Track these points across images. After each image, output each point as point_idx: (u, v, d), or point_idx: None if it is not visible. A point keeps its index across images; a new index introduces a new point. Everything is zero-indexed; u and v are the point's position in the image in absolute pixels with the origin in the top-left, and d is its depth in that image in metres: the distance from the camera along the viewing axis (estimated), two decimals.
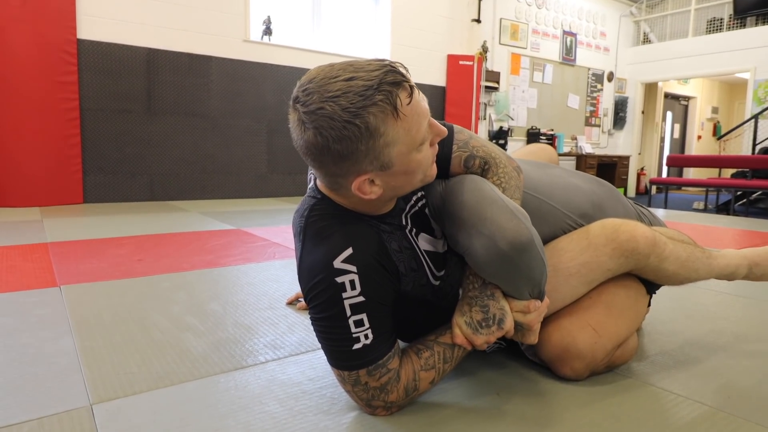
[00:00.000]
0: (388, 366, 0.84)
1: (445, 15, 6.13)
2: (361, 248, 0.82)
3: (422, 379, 0.87)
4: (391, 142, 0.74)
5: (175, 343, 1.20)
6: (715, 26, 7.65)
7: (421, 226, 0.94)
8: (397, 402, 0.86)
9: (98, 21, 4.05)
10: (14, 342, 1.19)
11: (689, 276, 1.09)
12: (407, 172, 0.79)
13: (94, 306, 1.47)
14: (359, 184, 0.78)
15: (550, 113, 7.41)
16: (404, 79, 0.74)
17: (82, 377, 1.01)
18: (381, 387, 0.84)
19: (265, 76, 4.88)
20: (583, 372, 1.00)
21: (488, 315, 0.85)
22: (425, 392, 0.90)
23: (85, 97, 4.03)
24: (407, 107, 0.74)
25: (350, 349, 0.81)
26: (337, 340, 0.82)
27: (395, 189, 0.82)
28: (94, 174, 4.14)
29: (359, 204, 0.85)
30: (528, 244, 0.81)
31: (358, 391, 0.85)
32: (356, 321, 0.80)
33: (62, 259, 2.06)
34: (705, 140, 10.44)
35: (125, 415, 0.87)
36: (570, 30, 7.49)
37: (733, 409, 0.92)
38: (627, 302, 1.05)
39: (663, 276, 1.07)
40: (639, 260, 1.02)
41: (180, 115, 4.48)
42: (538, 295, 0.87)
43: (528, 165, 1.15)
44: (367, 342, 0.81)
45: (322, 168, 0.78)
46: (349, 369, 0.83)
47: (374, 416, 0.87)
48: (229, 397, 0.94)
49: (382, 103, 0.71)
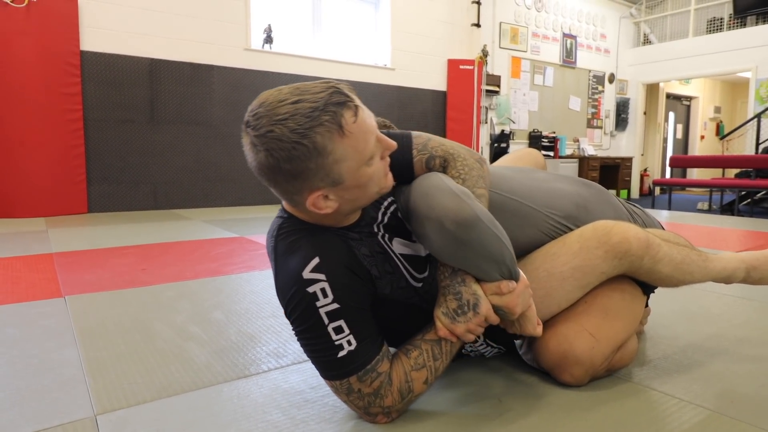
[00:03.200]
0: (377, 370, 0.84)
1: (445, 20, 6.15)
2: (327, 256, 0.83)
3: (415, 380, 0.87)
4: (339, 159, 0.77)
5: (179, 353, 1.20)
6: (716, 26, 7.65)
7: (396, 231, 0.96)
8: (394, 406, 0.86)
9: (101, 32, 4.09)
10: (19, 352, 1.20)
11: (684, 278, 1.08)
12: (359, 185, 0.82)
13: (98, 316, 1.49)
14: (313, 200, 0.80)
15: (551, 116, 7.41)
16: (349, 99, 0.77)
17: (86, 387, 1.02)
18: (375, 392, 0.84)
19: (267, 84, 4.91)
20: (582, 377, 1.00)
21: (462, 302, 0.85)
22: (422, 393, 0.89)
23: (88, 108, 4.07)
24: (353, 125, 0.77)
25: (336, 357, 0.82)
26: (321, 351, 0.83)
27: (351, 202, 0.84)
28: (98, 184, 4.17)
29: (321, 218, 0.87)
30: (472, 219, 0.81)
31: (353, 400, 0.86)
32: (335, 328, 0.82)
33: (67, 270, 2.08)
34: (708, 140, 10.41)
35: (129, 426, 0.87)
36: (570, 32, 7.50)
37: (736, 413, 0.92)
38: (622, 305, 1.05)
39: (657, 278, 1.06)
40: (633, 262, 1.01)
41: (182, 124, 4.51)
42: (509, 275, 0.86)
43: (509, 170, 1.16)
44: (351, 348, 0.82)
45: (277, 187, 0.82)
46: (339, 378, 0.84)
47: (376, 424, 0.87)
48: (232, 406, 0.94)
49: (328, 123, 0.75)
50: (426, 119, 6.10)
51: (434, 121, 6.17)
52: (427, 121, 6.11)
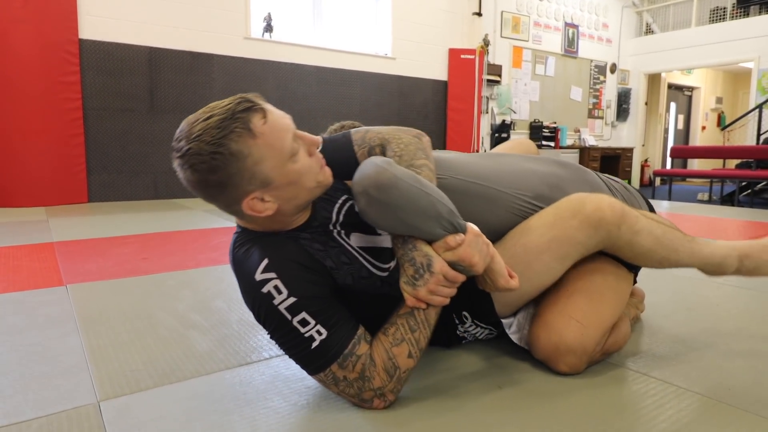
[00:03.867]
0: (356, 353, 0.85)
1: (446, 9, 6.11)
2: (275, 254, 0.87)
3: (398, 355, 0.87)
4: (259, 159, 0.81)
5: (181, 340, 1.21)
6: (718, 15, 7.59)
7: (354, 227, 0.98)
8: (385, 387, 0.87)
9: (100, 21, 4.06)
10: (22, 340, 1.21)
11: (669, 256, 1.05)
12: (291, 182, 0.85)
13: (100, 304, 1.49)
14: (250, 205, 0.84)
15: (552, 106, 7.38)
16: (255, 105, 0.82)
17: (89, 375, 1.03)
18: (360, 376, 0.85)
19: (267, 73, 4.88)
20: (578, 365, 1.00)
21: (417, 266, 0.85)
22: (410, 368, 0.87)
23: (87, 97, 4.05)
24: (263, 126, 0.81)
25: (310, 349, 0.84)
26: (295, 347, 0.86)
27: (291, 199, 0.87)
28: (98, 173, 4.16)
29: (268, 223, 0.90)
30: (390, 179, 0.83)
31: (344, 389, 0.87)
32: (300, 321, 0.84)
33: (68, 259, 2.08)
34: (709, 131, 10.38)
35: (132, 412, 0.88)
36: (572, 22, 7.45)
37: (734, 400, 0.93)
38: (605, 286, 1.04)
39: (639, 253, 1.03)
40: (610, 231, 0.99)
41: (182, 113, 4.49)
42: (453, 228, 0.86)
43: (476, 156, 1.18)
44: (323, 337, 0.84)
45: (214, 201, 0.86)
46: (321, 369, 0.86)
47: (375, 410, 0.88)
48: (234, 392, 0.95)
49: (239, 128, 0.79)
50: (427, 109, 6.08)
51: (435, 111, 6.15)
52: (427, 110, 6.09)
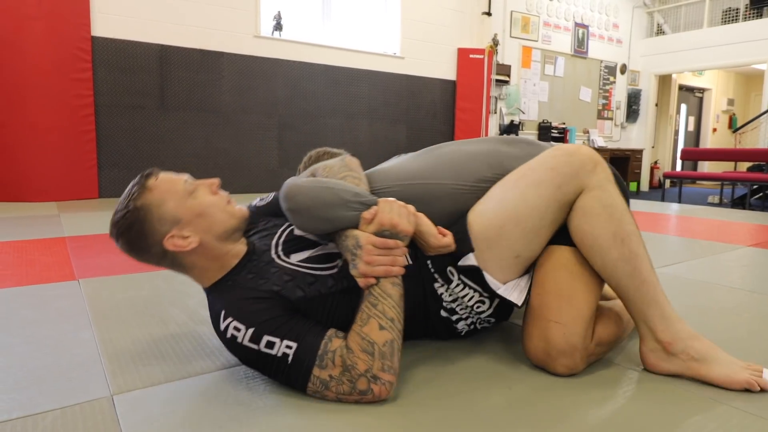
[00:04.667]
0: (330, 350, 0.89)
1: (455, 8, 6.09)
2: (228, 302, 0.97)
3: (369, 333, 0.89)
4: (160, 203, 0.96)
5: (192, 336, 1.22)
6: (731, 16, 7.52)
7: (292, 246, 1.06)
8: (372, 368, 0.87)
9: (112, 18, 4.09)
10: (36, 333, 1.22)
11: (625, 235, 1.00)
12: (198, 214, 0.98)
13: (111, 299, 1.51)
14: (172, 243, 0.96)
15: (561, 106, 7.35)
16: (148, 173, 1.00)
17: (102, 368, 1.04)
18: (344, 367, 0.88)
19: (276, 71, 4.90)
20: (573, 364, 1.00)
21: (350, 249, 0.93)
22: (390, 342, 0.89)
23: (99, 94, 4.09)
24: (155, 182, 0.98)
25: (288, 365, 0.90)
26: (276, 371, 0.91)
27: (207, 230, 0.99)
28: (108, 169, 4.20)
29: (207, 263, 1.00)
30: (293, 188, 0.97)
31: (338, 389, 0.88)
32: (267, 344, 0.90)
33: (80, 253, 2.10)
34: (720, 133, 10.29)
35: (145, 406, 0.89)
36: (582, 22, 7.41)
37: (744, 404, 0.92)
38: (572, 280, 1.02)
39: (604, 219, 0.99)
40: (584, 165, 1.00)
41: (192, 111, 4.52)
42: (363, 206, 0.95)
43: (415, 156, 1.20)
44: (294, 349, 0.90)
45: (148, 259, 1.00)
46: (306, 379, 0.89)
47: (382, 401, 0.89)
48: (245, 386, 0.96)
49: (137, 191, 0.97)
50: (435, 108, 6.07)
51: (443, 110, 6.14)
52: (436, 110, 6.08)
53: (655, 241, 2.74)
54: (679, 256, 2.32)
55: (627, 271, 0.99)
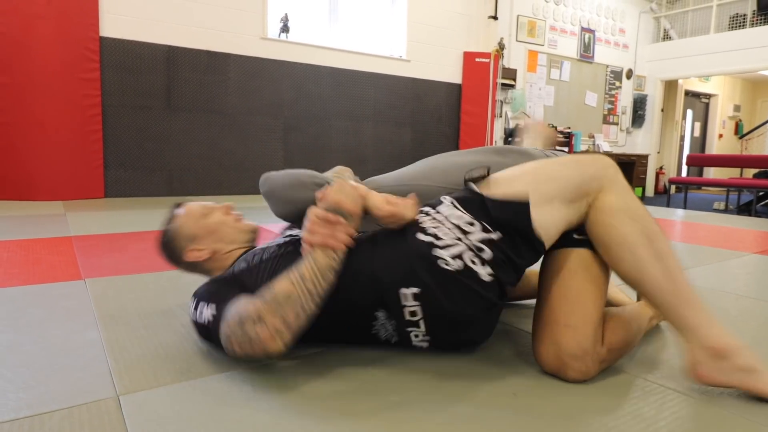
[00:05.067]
0: (238, 304, 0.96)
1: (462, 12, 6.10)
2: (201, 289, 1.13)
3: (275, 284, 0.94)
4: (183, 225, 1.22)
5: (198, 338, 1.22)
6: (738, 22, 7.50)
7: None
8: (262, 311, 0.90)
9: (120, 19, 4.11)
10: (44, 333, 1.23)
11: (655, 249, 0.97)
12: (211, 231, 1.21)
13: (118, 299, 1.51)
14: (191, 255, 1.20)
15: (567, 111, 7.34)
16: (177, 206, 1.27)
17: (108, 369, 1.04)
18: (239, 317, 0.92)
19: (282, 73, 4.92)
20: (586, 368, 0.99)
21: (304, 222, 1.03)
22: (287, 295, 0.91)
23: (106, 94, 4.11)
24: (180, 210, 1.25)
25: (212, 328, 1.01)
26: (206, 335, 1.07)
27: (218, 241, 1.21)
28: (115, 169, 4.22)
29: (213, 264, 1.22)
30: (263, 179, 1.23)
31: (234, 338, 0.92)
32: (199, 313, 1.06)
33: (86, 253, 2.11)
34: (726, 139, 10.25)
35: (151, 407, 0.89)
36: (588, 27, 7.40)
37: (753, 415, 0.92)
38: (579, 284, 1.02)
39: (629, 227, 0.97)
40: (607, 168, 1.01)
41: (198, 112, 4.54)
42: (318, 188, 1.15)
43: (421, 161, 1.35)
44: (214, 313, 1.01)
45: (185, 268, 1.24)
46: (218, 334, 0.97)
47: (269, 353, 0.90)
48: (251, 388, 0.96)
49: (168, 219, 1.25)
50: (440, 112, 6.07)
51: (448, 113, 6.15)
52: (441, 113, 6.08)
53: None
54: (684, 263, 2.30)
55: (660, 270, 0.96)
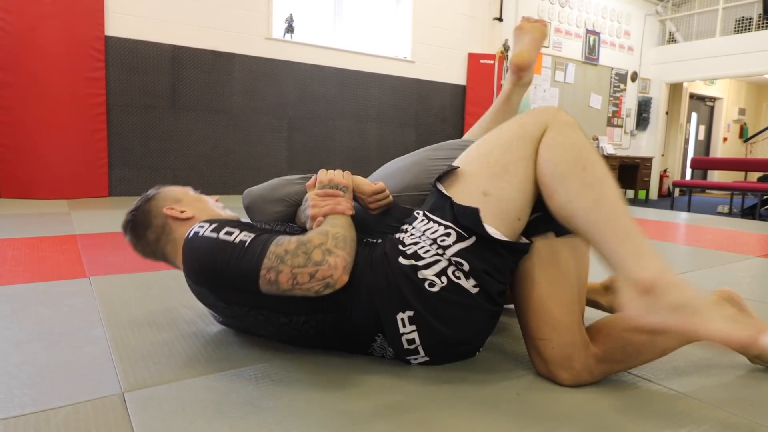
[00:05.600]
0: (284, 238, 0.95)
1: (467, 13, 6.10)
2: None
3: (322, 226, 0.98)
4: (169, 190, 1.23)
5: (201, 335, 1.23)
6: (744, 26, 7.48)
7: None
8: (327, 243, 0.92)
9: (125, 18, 4.13)
10: (49, 330, 1.24)
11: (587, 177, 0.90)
12: (197, 199, 1.23)
13: (122, 297, 1.52)
14: (170, 212, 1.16)
15: (571, 113, 7.15)
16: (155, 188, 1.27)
17: (113, 366, 1.05)
18: (299, 242, 0.93)
19: (287, 73, 4.93)
20: (576, 374, 0.99)
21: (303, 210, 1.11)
22: (340, 234, 0.96)
23: (111, 93, 4.13)
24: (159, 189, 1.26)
25: (244, 248, 0.95)
26: (230, 255, 0.95)
27: (201, 212, 1.19)
28: (119, 168, 4.23)
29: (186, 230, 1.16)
30: (245, 192, 1.28)
31: (291, 262, 0.91)
32: (226, 232, 0.98)
33: (90, 251, 2.12)
34: (731, 142, 10.22)
35: (156, 404, 0.90)
36: (593, 29, 7.40)
37: (755, 417, 0.91)
38: (537, 292, 1.00)
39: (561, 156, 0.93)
40: (548, 109, 0.99)
41: (203, 112, 4.55)
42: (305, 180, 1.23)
43: (372, 175, 1.38)
44: (251, 237, 0.96)
45: (148, 236, 1.19)
46: (263, 255, 0.92)
47: (333, 280, 0.91)
48: (255, 386, 0.96)
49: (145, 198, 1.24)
50: (444, 113, 6.08)
51: (452, 115, 6.15)
52: (445, 114, 6.09)
53: (663, 249, 2.72)
54: (687, 266, 2.30)
55: (592, 199, 0.88)
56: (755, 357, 1.10)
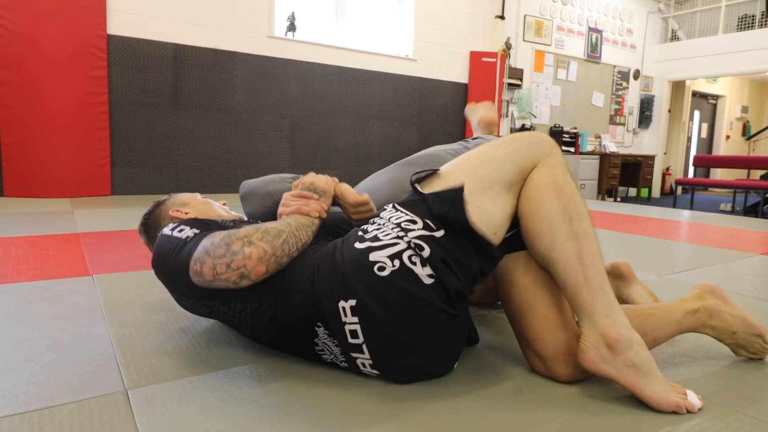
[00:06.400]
0: (216, 233, 0.99)
1: (469, 11, 6.10)
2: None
3: (265, 224, 0.98)
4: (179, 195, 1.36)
5: (204, 333, 1.23)
6: (747, 23, 7.46)
7: None
8: (253, 236, 0.94)
9: (127, 17, 4.14)
10: (52, 328, 1.24)
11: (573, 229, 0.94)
12: (202, 203, 1.33)
13: (125, 295, 1.53)
14: (174, 213, 1.26)
15: (573, 111, 7.32)
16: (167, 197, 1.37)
17: (116, 363, 1.05)
18: (227, 235, 0.95)
19: (289, 71, 4.93)
20: (572, 370, 0.99)
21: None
22: (277, 230, 0.97)
23: (114, 92, 4.13)
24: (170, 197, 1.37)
25: (187, 242, 1.02)
26: (176, 247, 1.02)
27: (205, 213, 1.29)
28: (121, 167, 4.24)
29: None
30: (243, 183, 1.37)
31: (213, 253, 0.93)
32: (179, 230, 1.07)
33: (93, 249, 2.13)
34: (734, 140, 10.20)
35: (160, 401, 0.90)
36: (596, 27, 7.38)
37: (758, 413, 0.92)
38: (525, 295, 1.01)
39: (551, 202, 0.95)
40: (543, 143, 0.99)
41: (205, 110, 4.56)
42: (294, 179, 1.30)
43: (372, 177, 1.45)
44: (199, 233, 1.03)
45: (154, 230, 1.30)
46: (195, 249, 0.97)
47: (250, 270, 0.92)
48: (257, 384, 0.97)
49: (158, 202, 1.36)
50: (446, 111, 6.07)
51: (454, 113, 6.14)
52: (447, 113, 6.08)
53: (666, 247, 2.72)
54: (690, 264, 2.30)
55: (575, 251, 0.93)
56: (739, 348, 1.15)
